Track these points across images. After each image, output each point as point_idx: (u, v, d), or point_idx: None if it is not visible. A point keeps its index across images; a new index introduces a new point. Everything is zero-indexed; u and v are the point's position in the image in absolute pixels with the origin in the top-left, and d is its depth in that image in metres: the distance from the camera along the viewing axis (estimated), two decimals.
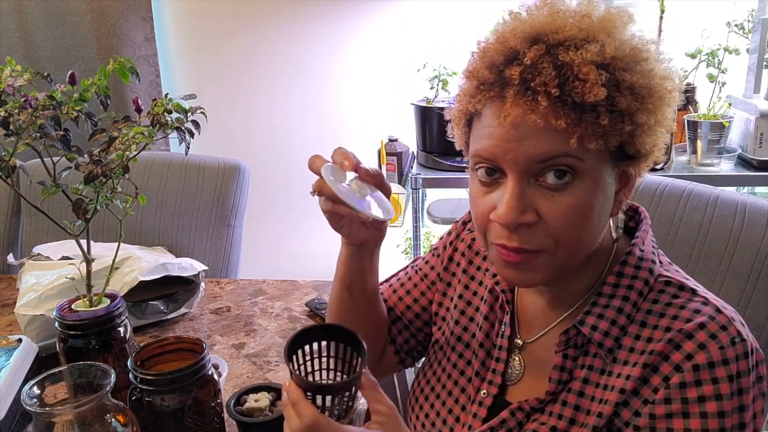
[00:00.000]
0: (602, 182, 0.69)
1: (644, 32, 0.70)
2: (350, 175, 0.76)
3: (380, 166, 2.06)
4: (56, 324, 0.90)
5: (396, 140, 2.10)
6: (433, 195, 2.21)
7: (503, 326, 0.83)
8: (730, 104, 1.86)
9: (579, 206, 0.67)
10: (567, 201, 0.67)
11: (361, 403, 0.75)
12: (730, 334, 0.66)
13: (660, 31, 1.82)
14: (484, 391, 0.81)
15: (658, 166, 1.80)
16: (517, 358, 0.81)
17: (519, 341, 0.82)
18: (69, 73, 0.89)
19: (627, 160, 0.70)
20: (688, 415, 0.66)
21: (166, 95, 0.89)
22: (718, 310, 0.69)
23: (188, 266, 1.32)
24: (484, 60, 0.70)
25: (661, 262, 0.77)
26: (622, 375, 0.70)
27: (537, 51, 0.66)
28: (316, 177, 0.75)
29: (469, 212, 0.89)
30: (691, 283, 0.74)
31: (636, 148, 0.69)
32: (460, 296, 0.91)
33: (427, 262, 0.98)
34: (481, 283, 0.89)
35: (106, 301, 0.92)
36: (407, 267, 1.01)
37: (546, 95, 0.64)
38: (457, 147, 0.79)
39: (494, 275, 0.85)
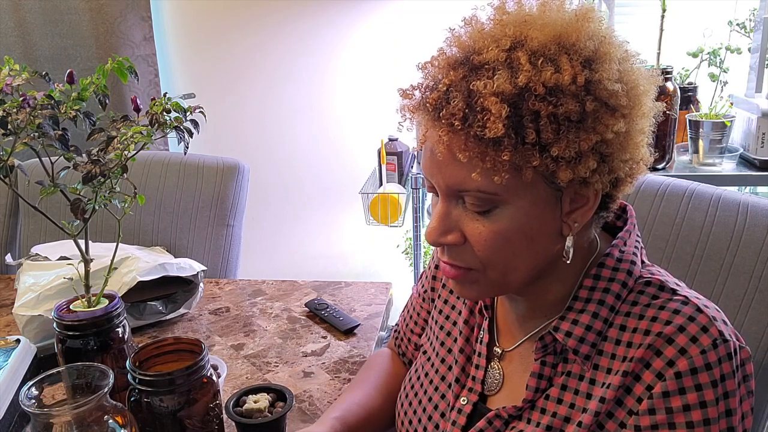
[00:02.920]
0: (534, 209, 0.66)
1: (609, 44, 0.64)
2: None
3: (380, 166, 2.05)
4: (54, 324, 0.89)
5: (396, 140, 2.09)
6: None
7: (482, 332, 0.82)
8: (731, 103, 1.85)
9: (502, 232, 0.66)
10: (490, 227, 0.66)
11: None
12: (711, 335, 0.64)
13: (661, 30, 1.81)
14: (464, 398, 0.79)
15: (659, 166, 1.79)
16: (496, 367, 0.79)
17: (498, 349, 0.80)
18: (67, 72, 0.89)
19: (570, 185, 0.65)
20: (674, 425, 0.64)
21: (164, 95, 0.88)
22: (699, 310, 0.66)
23: (187, 266, 1.31)
24: (423, 79, 0.68)
25: (643, 262, 0.74)
26: (605, 384, 0.68)
27: (454, 77, 0.64)
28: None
29: None
30: (672, 282, 0.71)
31: (567, 178, 0.63)
32: (445, 301, 0.90)
33: (422, 286, 0.97)
34: None
35: (105, 302, 0.92)
36: (412, 294, 1.01)
37: (449, 128, 0.63)
38: None
39: None
